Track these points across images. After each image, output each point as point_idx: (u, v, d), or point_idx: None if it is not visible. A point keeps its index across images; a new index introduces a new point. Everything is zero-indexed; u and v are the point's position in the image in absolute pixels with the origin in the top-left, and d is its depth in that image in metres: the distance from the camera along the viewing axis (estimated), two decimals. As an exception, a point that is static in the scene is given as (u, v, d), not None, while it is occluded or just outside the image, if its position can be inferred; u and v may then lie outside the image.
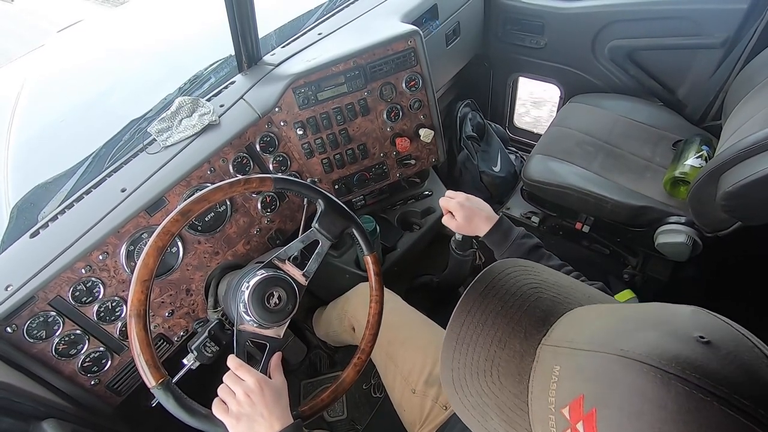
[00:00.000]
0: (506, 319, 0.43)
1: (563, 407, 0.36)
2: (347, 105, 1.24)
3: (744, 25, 1.38)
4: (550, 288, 0.45)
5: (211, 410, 0.71)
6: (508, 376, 0.41)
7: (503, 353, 0.42)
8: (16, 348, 0.86)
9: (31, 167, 1.34)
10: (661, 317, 0.37)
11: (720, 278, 1.50)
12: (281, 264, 0.85)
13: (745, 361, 0.32)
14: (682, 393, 0.31)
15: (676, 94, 1.64)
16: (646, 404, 0.31)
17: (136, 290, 0.69)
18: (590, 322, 0.40)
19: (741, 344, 0.33)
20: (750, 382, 0.31)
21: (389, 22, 1.34)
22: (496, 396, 0.41)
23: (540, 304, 0.43)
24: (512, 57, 1.90)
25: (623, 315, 0.39)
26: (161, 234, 0.73)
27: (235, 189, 0.80)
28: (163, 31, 1.84)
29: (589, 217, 1.58)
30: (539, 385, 0.39)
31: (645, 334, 0.35)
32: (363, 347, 0.88)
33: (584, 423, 0.34)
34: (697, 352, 0.32)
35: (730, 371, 0.31)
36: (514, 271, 0.47)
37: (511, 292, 0.45)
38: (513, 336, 0.42)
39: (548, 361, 0.39)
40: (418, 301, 1.20)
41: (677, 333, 0.34)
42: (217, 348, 0.89)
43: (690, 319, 0.35)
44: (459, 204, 0.95)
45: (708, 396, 0.30)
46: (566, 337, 0.39)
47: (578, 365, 0.36)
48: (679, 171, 1.32)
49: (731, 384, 0.30)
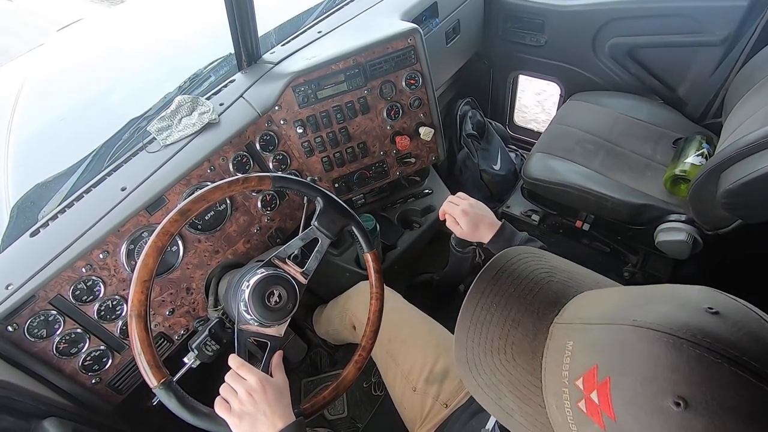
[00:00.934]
0: (519, 299, 0.44)
1: (577, 379, 0.37)
2: (347, 103, 1.24)
3: (744, 22, 1.38)
4: (561, 273, 0.47)
5: (214, 409, 0.72)
6: (522, 353, 0.42)
7: (517, 332, 0.43)
8: (16, 347, 0.86)
9: (31, 166, 1.34)
10: (671, 293, 0.38)
11: (720, 276, 1.50)
12: (281, 263, 0.85)
13: (752, 329, 0.33)
14: (694, 356, 0.32)
15: (676, 91, 1.64)
16: (659, 368, 0.32)
17: (136, 291, 0.69)
18: (602, 301, 0.41)
19: (747, 315, 0.34)
20: (758, 346, 0.32)
21: (389, 20, 1.34)
22: (510, 373, 0.43)
23: (552, 287, 0.45)
24: (512, 55, 1.89)
25: (634, 293, 0.40)
26: (160, 234, 0.73)
27: (233, 188, 0.80)
28: (162, 29, 1.83)
29: (590, 215, 1.58)
30: (553, 361, 0.40)
31: (656, 307, 0.36)
32: (364, 344, 0.89)
33: (598, 392, 0.35)
34: (707, 320, 0.33)
35: (738, 337, 0.32)
36: (525, 256, 0.49)
37: (524, 276, 0.46)
38: (526, 315, 0.43)
39: (561, 337, 0.40)
40: (418, 299, 1.20)
41: (687, 305, 0.35)
42: (218, 346, 0.90)
43: (698, 294, 0.37)
44: (463, 212, 0.93)
45: (719, 358, 0.31)
46: (579, 314, 0.41)
47: (591, 339, 0.38)
48: (679, 169, 1.31)
49: (740, 348, 0.31)
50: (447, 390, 0.99)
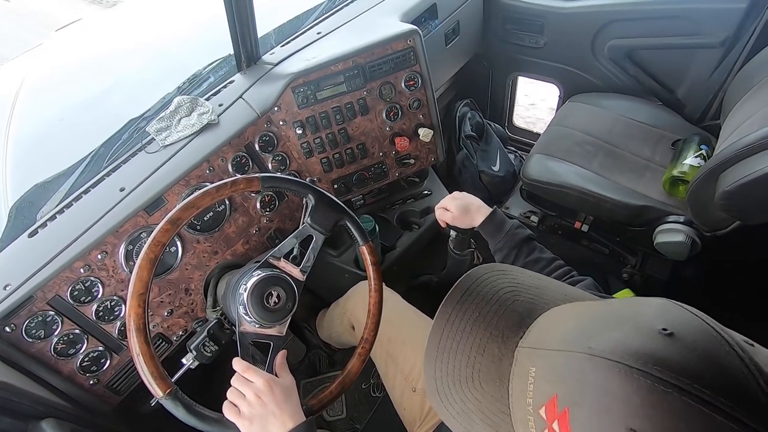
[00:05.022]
0: (484, 324, 0.44)
1: (540, 408, 0.36)
2: (346, 104, 1.24)
3: (743, 24, 1.39)
4: (527, 290, 0.46)
5: (222, 414, 0.72)
6: (489, 381, 0.42)
7: (483, 358, 0.42)
8: (14, 347, 0.86)
9: (30, 166, 1.34)
10: (628, 313, 0.38)
11: (719, 277, 1.50)
12: (277, 262, 0.85)
13: (707, 349, 0.32)
14: (644, 386, 0.31)
15: (675, 93, 1.65)
16: (612, 400, 0.32)
17: (132, 304, 0.69)
18: (564, 322, 0.40)
19: (705, 334, 0.34)
20: (711, 371, 0.31)
21: (388, 21, 1.34)
22: (479, 402, 0.42)
23: (517, 307, 0.44)
24: (512, 56, 1.90)
25: (594, 313, 0.39)
26: (152, 245, 0.72)
27: (222, 192, 0.80)
28: (161, 30, 1.83)
29: (589, 217, 1.58)
30: (518, 387, 0.39)
31: (611, 332, 0.36)
32: (366, 336, 0.89)
33: (559, 422, 0.35)
34: (659, 344, 0.33)
35: (690, 361, 0.32)
36: (491, 276, 0.48)
37: (488, 298, 0.45)
38: (491, 341, 0.43)
39: (525, 362, 0.40)
40: (417, 301, 1.20)
41: (642, 328, 0.35)
42: (216, 347, 0.89)
43: (655, 312, 0.36)
44: (451, 197, 1.00)
45: (669, 387, 0.31)
46: (540, 338, 0.40)
47: (552, 365, 0.37)
48: (678, 170, 1.32)
49: (692, 375, 0.31)
50: (446, 391, 0.99)
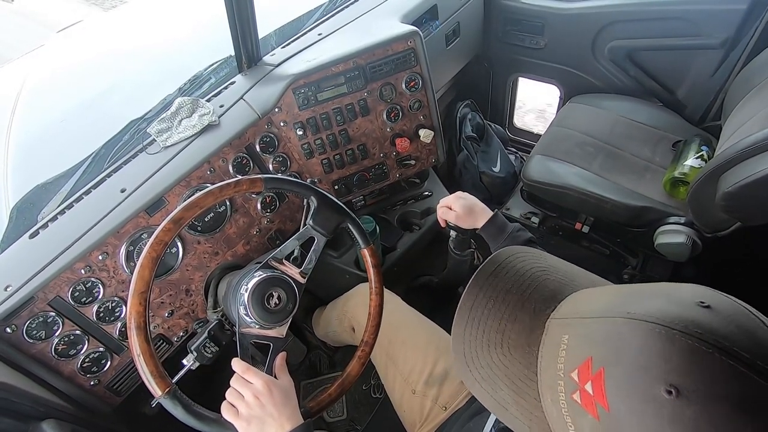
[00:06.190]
0: (516, 296, 0.45)
1: (572, 371, 0.37)
2: (347, 105, 1.24)
3: (743, 25, 1.39)
4: (557, 272, 0.48)
5: (220, 414, 0.72)
6: (518, 347, 0.43)
7: (513, 327, 0.44)
8: (15, 348, 0.86)
9: (31, 167, 1.34)
10: (664, 290, 0.39)
11: (719, 278, 1.50)
12: (278, 264, 0.85)
13: (742, 322, 0.34)
14: (686, 347, 0.32)
15: (675, 94, 1.65)
16: (652, 358, 0.33)
17: (133, 303, 0.69)
18: (597, 297, 0.42)
19: (738, 310, 0.35)
20: (748, 339, 0.32)
21: (389, 22, 1.34)
22: (506, 367, 0.43)
23: (548, 285, 0.46)
24: (512, 57, 1.90)
25: (628, 290, 0.41)
26: (154, 244, 0.72)
27: (225, 192, 0.80)
28: (162, 31, 1.84)
29: (589, 218, 1.58)
30: (548, 354, 0.40)
31: (650, 302, 0.37)
32: (366, 339, 0.88)
33: (592, 383, 0.35)
34: (699, 313, 0.34)
35: (729, 330, 0.33)
36: (522, 255, 0.50)
37: (521, 273, 0.47)
38: (523, 311, 0.44)
39: (557, 332, 0.41)
40: (417, 302, 1.20)
41: (680, 300, 0.36)
42: (217, 348, 0.89)
43: (691, 290, 0.38)
44: (455, 196, 1.00)
45: (710, 348, 0.32)
46: (574, 310, 0.41)
47: (586, 332, 0.38)
48: (678, 171, 1.32)
49: (731, 339, 0.32)
50: (446, 392, 0.99)
